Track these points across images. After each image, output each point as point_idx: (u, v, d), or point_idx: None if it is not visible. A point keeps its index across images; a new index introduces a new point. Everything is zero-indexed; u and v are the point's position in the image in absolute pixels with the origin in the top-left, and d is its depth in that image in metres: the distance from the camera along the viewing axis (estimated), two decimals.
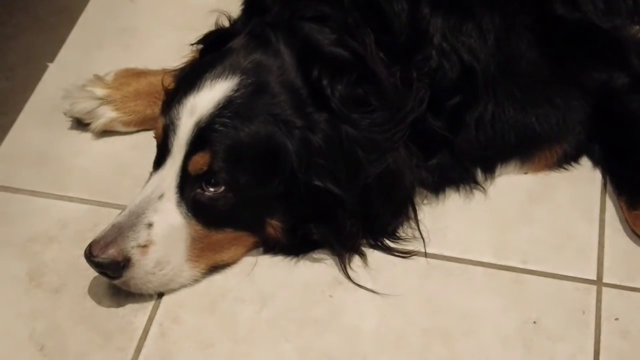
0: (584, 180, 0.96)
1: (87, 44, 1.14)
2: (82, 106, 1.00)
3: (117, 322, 0.82)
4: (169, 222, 0.82)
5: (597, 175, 0.96)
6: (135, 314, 0.83)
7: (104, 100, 1.01)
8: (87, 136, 1.03)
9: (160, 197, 0.82)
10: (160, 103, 1.01)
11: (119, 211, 0.91)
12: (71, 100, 1.02)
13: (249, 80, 0.84)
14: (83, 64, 1.09)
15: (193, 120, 0.81)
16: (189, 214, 0.82)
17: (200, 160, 0.80)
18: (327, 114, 0.85)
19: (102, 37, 1.15)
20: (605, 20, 1.01)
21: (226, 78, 0.84)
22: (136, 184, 0.95)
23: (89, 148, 1.01)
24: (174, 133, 0.82)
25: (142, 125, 1.03)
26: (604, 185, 0.99)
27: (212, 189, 0.81)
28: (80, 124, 1.03)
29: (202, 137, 0.81)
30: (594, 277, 0.87)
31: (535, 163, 0.98)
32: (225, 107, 0.82)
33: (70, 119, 1.04)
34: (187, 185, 0.82)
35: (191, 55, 1.06)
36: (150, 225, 0.80)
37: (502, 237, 0.93)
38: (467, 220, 0.96)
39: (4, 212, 0.94)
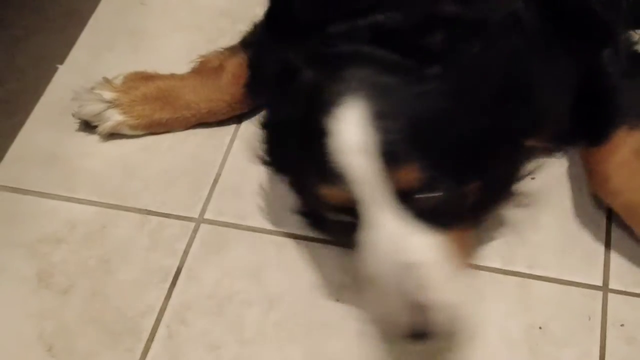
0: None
1: (97, 46, 1.13)
2: (90, 109, 1.00)
3: (125, 323, 0.82)
4: (431, 259, 0.72)
5: None
6: (142, 315, 0.83)
7: (112, 104, 1.00)
8: (95, 138, 1.01)
9: (400, 250, 0.71)
10: (168, 107, 1.00)
11: (126, 213, 0.94)
12: (79, 102, 1.01)
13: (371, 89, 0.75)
14: (92, 65, 1.08)
15: (365, 154, 0.70)
16: (431, 233, 0.72)
17: (409, 177, 0.71)
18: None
19: (112, 39, 1.13)
20: (605, 13, 0.98)
21: (350, 103, 0.73)
22: (144, 186, 0.97)
23: (97, 150, 1.00)
24: (356, 184, 0.69)
25: (149, 129, 1.02)
26: None
27: (430, 195, 0.72)
28: (88, 126, 1.01)
29: (389, 160, 0.70)
30: (600, 282, 0.85)
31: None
32: (380, 119, 0.72)
33: (79, 121, 1.02)
34: (411, 210, 0.71)
35: (198, 60, 1.04)
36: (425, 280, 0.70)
37: (508, 243, 0.90)
38: None
39: (13, 213, 0.93)
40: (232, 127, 1.05)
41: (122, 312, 0.83)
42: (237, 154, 1.02)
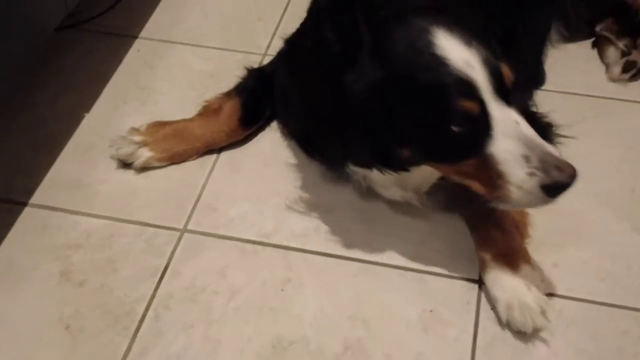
0: None
1: (115, 100, 1.12)
2: (125, 150, 1.00)
3: (124, 308, 0.82)
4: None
5: None
6: (137, 302, 0.82)
7: (141, 144, 1.01)
8: (109, 168, 1.01)
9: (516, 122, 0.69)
10: (183, 141, 1.01)
11: (129, 225, 0.92)
12: (116, 146, 1.01)
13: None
14: (111, 114, 1.09)
15: (478, 69, 0.68)
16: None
17: (508, 74, 0.71)
18: None
19: (126, 95, 1.13)
20: None
21: (444, 36, 0.70)
22: (144, 204, 0.95)
23: (111, 177, 0.99)
24: (480, 91, 0.68)
25: (171, 160, 1.02)
26: None
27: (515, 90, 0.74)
28: (124, 164, 1.01)
29: (494, 69, 0.69)
30: (476, 277, 0.84)
31: None
32: (469, 43, 0.70)
33: (115, 160, 1.01)
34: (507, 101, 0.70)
35: (203, 104, 1.04)
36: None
37: (412, 247, 0.89)
38: (391, 234, 0.92)
39: (46, 225, 0.92)
40: (213, 157, 1.03)
41: (122, 299, 0.83)
42: (215, 178, 1.00)
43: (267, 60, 1.19)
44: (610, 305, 0.82)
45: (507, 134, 0.68)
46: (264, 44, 1.26)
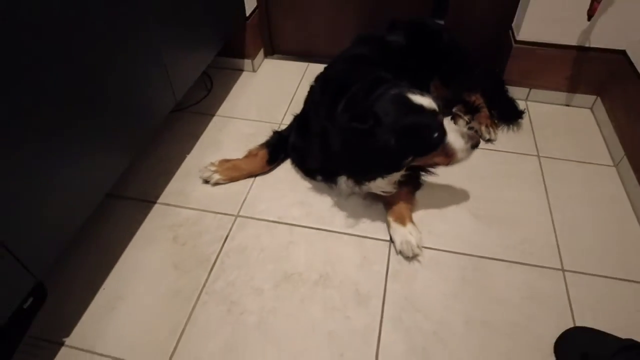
0: None
1: (202, 148, 1.43)
2: (205, 174, 1.28)
3: (205, 256, 1.09)
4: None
5: None
6: (212, 254, 1.10)
7: (214, 171, 1.28)
8: (198, 183, 1.28)
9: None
10: (237, 171, 1.27)
11: (209, 213, 1.18)
12: (201, 172, 1.29)
13: None
14: (200, 156, 1.38)
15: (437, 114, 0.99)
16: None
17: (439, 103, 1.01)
18: None
19: (208, 145, 1.42)
20: None
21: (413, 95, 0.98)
22: (218, 202, 1.21)
23: (200, 189, 1.27)
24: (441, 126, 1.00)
25: (231, 180, 1.29)
26: None
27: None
28: (205, 182, 1.29)
29: (436, 100, 1.01)
30: (387, 238, 1.15)
31: None
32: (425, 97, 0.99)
33: (201, 179, 1.30)
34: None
35: (247, 150, 1.31)
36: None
37: (357, 221, 1.19)
38: (348, 215, 1.21)
39: (165, 214, 1.21)
40: (253, 179, 1.31)
41: (204, 252, 1.11)
42: (253, 190, 1.28)
43: (282, 127, 1.45)
44: (461, 253, 1.13)
45: (450, 130, 1.02)
46: (280, 118, 1.57)
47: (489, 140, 1.49)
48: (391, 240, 1.17)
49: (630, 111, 1.40)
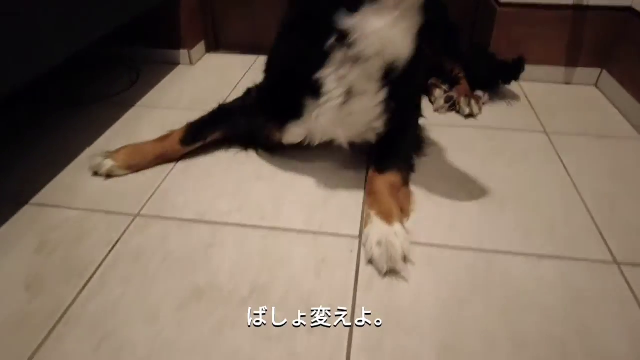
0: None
1: (116, 138, 1.12)
2: (94, 162, 0.98)
3: (84, 266, 0.75)
4: None
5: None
6: (92, 263, 0.76)
7: (106, 157, 0.98)
8: (88, 177, 0.98)
9: None
10: (139, 158, 0.96)
11: (97, 213, 0.85)
12: (90, 161, 0.98)
13: None
14: (107, 146, 1.04)
15: None
16: None
17: None
18: None
19: (120, 139, 1.12)
20: None
21: None
22: (111, 199, 0.89)
23: (93, 183, 0.95)
24: None
25: (132, 169, 0.98)
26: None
27: None
28: (95, 173, 0.98)
29: None
30: (356, 233, 0.81)
31: None
32: None
33: (89, 170, 0.99)
34: None
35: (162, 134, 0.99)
36: None
37: (308, 216, 0.85)
38: (293, 207, 0.87)
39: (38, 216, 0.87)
40: (170, 166, 1.00)
41: (84, 260, 0.77)
42: (169, 180, 0.96)
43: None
44: (465, 248, 0.78)
45: None
46: (224, 98, 1.24)
47: (469, 116, 1.19)
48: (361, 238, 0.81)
49: None
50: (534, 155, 1.04)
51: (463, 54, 1.24)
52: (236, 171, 1.00)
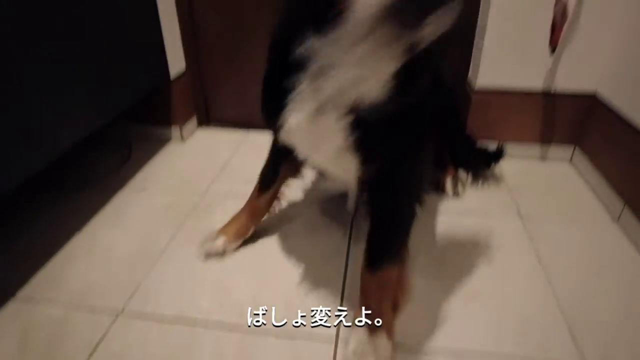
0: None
1: (103, 224, 1.14)
2: (208, 245, 1.00)
3: None
4: None
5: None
6: None
7: (218, 236, 1.01)
8: (81, 269, 1.02)
9: None
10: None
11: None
12: (204, 247, 1.00)
13: None
14: (95, 232, 1.11)
15: None
16: None
17: None
18: None
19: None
20: None
21: None
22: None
23: (80, 274, 0.98)
24: None
25: (240, 236, 1.02)
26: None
27: None
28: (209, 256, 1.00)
29: None
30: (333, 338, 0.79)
31: None
32: None
33: (206, 256, 1.00)
34: None
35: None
36: None
37: (287, 314, 0.82)
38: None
39: None
40: (156, 258, 1.03)
41: None
42: (157, 271, 0.95)
43: (206, 196, 1.23)
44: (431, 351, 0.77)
45: None
46: (204, 187, 1.28)
47: (454, 195, 1.24)
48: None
49: (620, 156, 1.15)
50: (509, 244, 1.06)
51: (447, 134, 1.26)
52: (216, 265, 1.01)
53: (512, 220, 1.15)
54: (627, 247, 1.05)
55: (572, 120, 1.35)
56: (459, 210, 1.20)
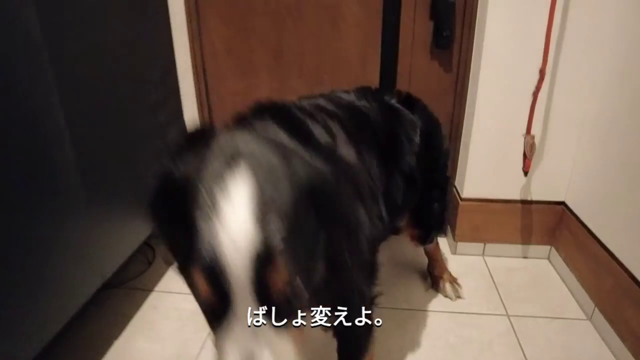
0: None
1: (137, 331, 1.27)
2: None
3: None
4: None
5: None
6: None
7: None
8: None
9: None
10: None
11: None
12: None
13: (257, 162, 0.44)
14: (131, 339, 1.21)
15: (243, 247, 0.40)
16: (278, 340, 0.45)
17: (279, 279, 0.42)
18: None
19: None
20: None
21: (238, 175, 0.43)
22: None
23: None
24: (226, 274, 0.41)
25: None
26: None
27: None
28: None
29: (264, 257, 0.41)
30: None
31: None
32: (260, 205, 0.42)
33: None
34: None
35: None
36: None
37: None
38: None
39: None
40: None
41: None
42: None
43: None
44: None
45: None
46: None
47: (455, 299, 1.39)
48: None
49: (587, 260, 1.34)
50: (498, 343, 1.22)
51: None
52: None
53: (500, 320, 1.31)
54: (600, 346, 1.21)
55: (546, 225, 1.56)
56: (451, 309, 1.35)
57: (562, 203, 1.53)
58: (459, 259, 1.62)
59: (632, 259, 1.15)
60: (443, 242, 1.70)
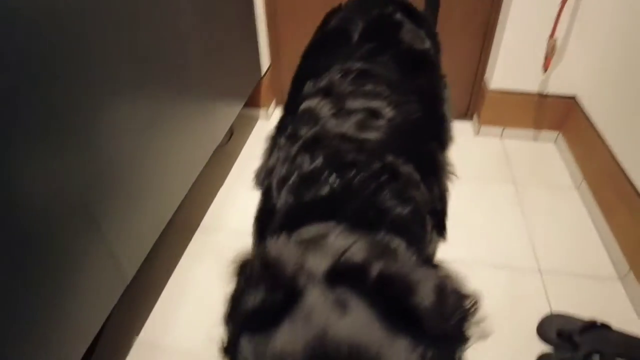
0: None
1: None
2: None
3: None
4: None
5: None
6: None
7: None
8: None
9: None
10: None
11: None
12: None
13: None
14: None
15: None
16: None
17: None
18: None
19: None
20: None
21: None
22: None
23: None
24: None
25: None
26: None
27: None
28: None
29: None
30: None
31: None
32: None
33: None
34: None
35: None
36: None
37: None
38: None
39: None
40: None
41: None
42: None
43: None
44: None
45: None
46: None
47: None
48: None
49: (584, 144, 1.70)
50: (502, 204, 1.64)
51: None
52: None
53: (508, 186, 1.72)
54: (583, 212, 1.62)
55: (558, 113, 1.88)
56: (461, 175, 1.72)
57: (573, 97, 1.83)
58: (481, 139, 1.98)
59: (617, 145, 1.50)
60: (467, 125, 2.04)
